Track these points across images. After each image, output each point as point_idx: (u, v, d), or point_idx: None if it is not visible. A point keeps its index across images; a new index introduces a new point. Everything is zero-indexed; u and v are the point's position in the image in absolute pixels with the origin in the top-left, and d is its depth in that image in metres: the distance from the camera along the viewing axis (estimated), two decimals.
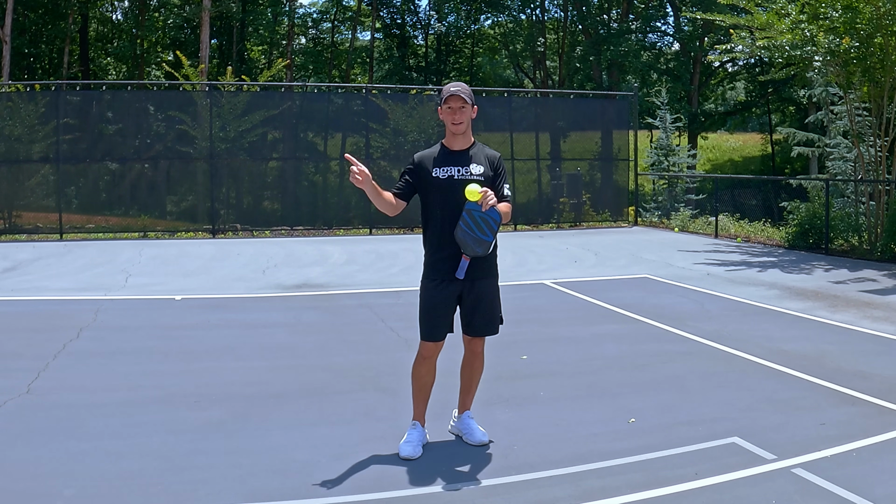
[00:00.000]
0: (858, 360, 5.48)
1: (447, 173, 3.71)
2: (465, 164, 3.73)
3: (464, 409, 4.01)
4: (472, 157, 3.77)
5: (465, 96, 3.69)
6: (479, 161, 3.77)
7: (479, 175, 3.73)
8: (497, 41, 36.02)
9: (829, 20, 10.92)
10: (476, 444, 3.87)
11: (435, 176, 3.72)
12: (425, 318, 3.77)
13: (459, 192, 3.63)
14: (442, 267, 3.72)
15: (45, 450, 3.76)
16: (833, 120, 17.58)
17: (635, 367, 5.37)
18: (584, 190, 17.39)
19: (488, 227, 3.59)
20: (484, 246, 3.62)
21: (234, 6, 27.51)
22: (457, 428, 4.01)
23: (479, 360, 3.96)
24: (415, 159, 3.81)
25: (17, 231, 14.35)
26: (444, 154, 3.78)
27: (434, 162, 3.75)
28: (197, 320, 6.94)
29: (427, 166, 3.75)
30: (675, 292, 8.41)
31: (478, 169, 3.74)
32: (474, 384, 3.98)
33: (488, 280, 3.80)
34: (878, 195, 11.87)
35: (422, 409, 3.90)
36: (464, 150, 3.78)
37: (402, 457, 3.68)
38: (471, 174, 3.71)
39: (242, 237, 14.63)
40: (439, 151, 3.80)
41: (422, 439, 3.84)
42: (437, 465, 3.64)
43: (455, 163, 3.74)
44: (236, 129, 15.26)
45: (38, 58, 28.01)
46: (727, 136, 41.27)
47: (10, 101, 14.51)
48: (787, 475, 3.48)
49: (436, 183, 3.71)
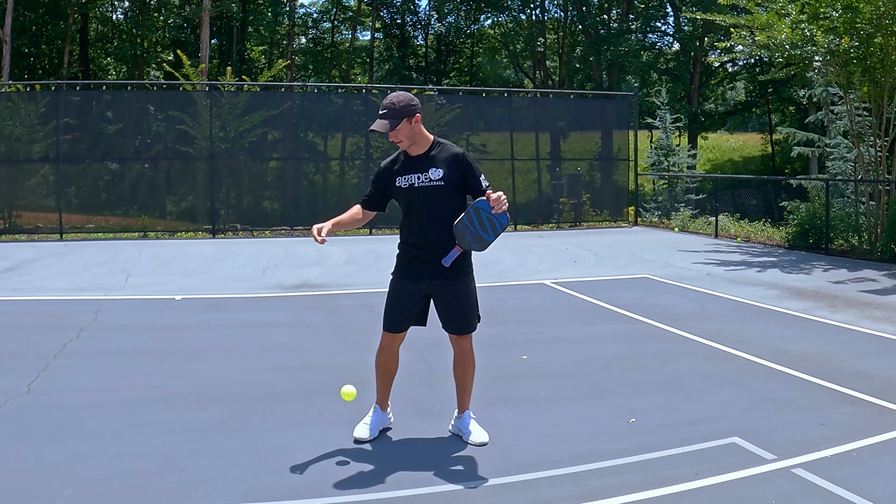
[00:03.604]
0: (858, 360, 5.48)
1: (408, 181, 3.72)
2: (424, 170, 3.72)
3: (463, 408, 4.01)
4: (430, 161, 3.73)
5: (380, 129, 3.64)
6: (437, 164, 3.73)
7: (439, 180, 3.70)
8: (497, 41, 36.03)
9: (829, 20, 10.92)
10: (475, 444, 3.86)
11: (398, 185, 3.74)
12: (387, 310, 3.85)
13: (421, 198, 3.68)
14: (408, 266, 3.79)
15: (45, 450, 3.76)
16: (833, 120, 17.58)
17: (635, 367, 5.37)
18: (584, 190, 17.39)
19: (493, 228, 3.60)
20: (482, 244, 3.64)
21: (234, 6, 27.53)
22: (456, 427, 4.01)
23: (469, 358, 3.95)
24: (380, 168, 3.84)
25: (17, 231, 14.35)
26: (404, 161, 3.78)
27: (397, 170, 3.77)
28: (197, 320, 6.94)
29: (391, 175, 3.78)
30: (675, 292, 8.41)
31: (437, 174, 3.71)
32: (469, 382, 3.98)
33: (458, 280, 3.79)
34: (878, 195, 11.87)
35: (384, 395, 3.99)
36: (421, 154, 3.75)
37: (356, 437, 3.83)
38: (430, 180, 3.70)
39: (242, 237, 14.63)
40: (401, 158, 3.79)
41: (381, 423, 3.94)
42: (437, 465, 3.64)
43: (414, 169, 3.73)
44: (236, 129, 15.26)
45: (38, 58, 28.02)
46: (727, 136, 41.27)
47: (10, 101, 14.52)
48: (787, 475, 3.48)
49: (399, 192, 3.75)
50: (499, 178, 17.65)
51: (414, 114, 3.67)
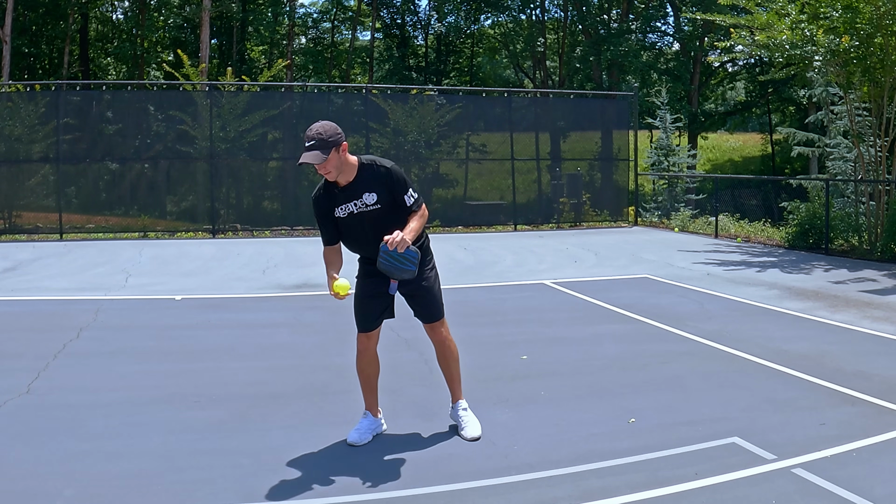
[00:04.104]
0: (858, 360, 5.47)
1: (346, 210, 3.73)
2: (358, 196, 3.71)
3: (455, 398, 4.08)
4: (362, 187, 3.71)
5: (311, 160, 3.58)
6: (370, 188, 3.71)
7: (374, 204, 3.70)
8: (497, 41, 36.02)
9: (829, 20, 10.92)
10: (468, 439, 3.90)
11: (337, 216, 3.76)
12: (356, 311, 3.93)
13: (364, 224, 3.71)
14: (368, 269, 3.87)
15: (45, 450, 3.76)
16: (833, 120, 17.58)
17: (635, 367, 5.36)
18: (584, 190, 17.38)
19: (409, 261, 3.63)
20: (409, 274, 3.67)
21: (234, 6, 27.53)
22: (453, 417, 4.10)
23: (447, 347, 3.99)
24: (317, 202, 3.80)
25: (17, 231, 14.35)
26: (336, 191, 3.75)
27: (331, 200, 3.76)
28: (197, 320, 6.94)
29: (329, 206, 3.77)
30: (675, 292, 8.41)
31: (371, 198, 3.71)
32: (453, 371, 4.04)
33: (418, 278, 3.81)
34: (878, 195, 11.87)
35: (371, 401, 3.98)
36: (350, 182, 3.73)
37: (349, 442, 3.83)
38: (366, 205, 3.70)
39: (242, 237, 14.63)
40: (333, 188, 3.76)
41: (372, 429, 3.93)
42: (437, 465, 3.64)
43: (348, 198, 3.72)
44: (236, 129, 15.26)
45: (38, 58, 28.02)
46: (727, 136, 41.26)
47: (10, 101, 14.52)
48: (787, 475, 3.48)
49: (340, 221, 3.77)
50: (499, 178, 17.66)
51: (341, 143, 3.62)
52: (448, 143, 17.17)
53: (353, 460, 3.68)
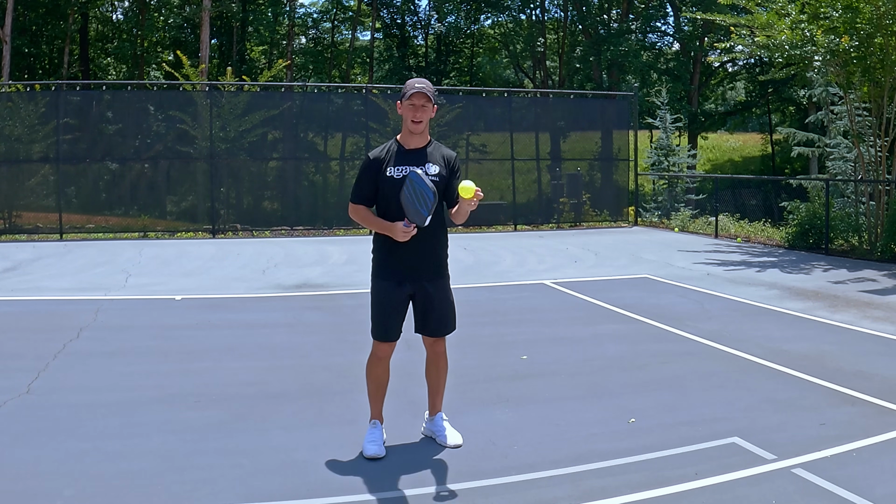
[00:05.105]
0: (858, 360, 5.48)
1: (402, 172, 3.59)
2: (422, 164, 3.63)
3: (435, 410, 3.97)
4: (428, 156, 3.67)
5: (429, 94, 3.58)
6: (435, 161, 3.67)
7: (435, 175, 3.63)
8: (497, 41, 36.02)
9: (829, 20, 10.92)
10: (451, 446, 3.82)
11: (389, 175, 3.61)
12: (381, 319, 3.72)
13: None
14: (396, 268, 3.67)
15: (45, 450, 3.76)
16: (833, 120, 17.59)
17: (635, 367, 5.37)
18: (584, 190, 17.38)
19: (423, 202, 3.46)
20: (419, 218, 3.49)
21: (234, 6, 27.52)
22: (429, 430, 3.97)
23: (444, 360, 3.90)
24: (370, 157, 3.69)
25: (17, 231, 14.35)
26: (399, 152, 3.66)
27: (389, 160, 3.64)
28: (197, 320, 6.94)
29: (382, 164, 3.64)
30: (675, 292, 8.41)
31: (433, 169, 3.65)
32: (441, 384, 3.93)
33: (438, 281, 3.75)
34: (878, 195, 11.87)
35: (380, 408, 3.89)
36: (420, 148, 3.68)
37: (368, 456, 3.67)
38: (427, 173, 3.60)
39: (242, 237, 14.63)
40: (395, 149, 3.67)
41: (383, 437, 3.84)
42: (436, 465, 3.64)
43: (411, 162, 3.62)
44: (236, 129, 15.26)
45: (38, 58, 28.02)
46: (727, 136, 41.28)
47: (10, 101, 14.52)
48: (787, 475, 3.48)
49: (390, 182, 3.60)
50: (499, 178, 17.65)
51: (434, 104, 3.65)
52: (448, 143, 17.14)
53: (354, 460, 3.68)
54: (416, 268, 3.68)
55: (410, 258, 3.65)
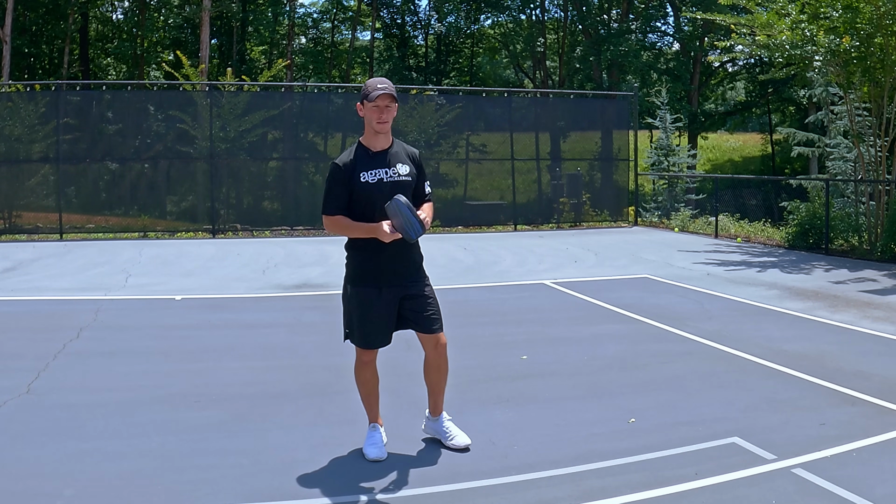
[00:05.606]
0: (858, 360, 5.48)
1: (375, 176, 3.54)
2: (391, 165, 3.60)
3: (437, 411, 3.90)
4: (395, 157, 3.63)
5: (394, 93, 3.54)
6: (402, 160, 3.64)
7: (407, 175, 3.60)
8: (497, 41, 36.03)
9: (829, 20, 10.92)
10: (459, 447, 3.78)
11: (364, 181, 3.53)
12: (365, 328, 3.63)
13: (388, 194, 3.46)
14: (377, 273, 3.60)
15: (45, 450, 3.76)
16: (833, 120, 17.59)
17: (635, 367, 5.37)
18: (584, 190, 17.38)
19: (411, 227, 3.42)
20: (409, 238, 3.47)
21: (234, 6, 27.53)
22: (434, 430, 3.91)
23: (444, 358, 3.80)
24: (339, 164, 3.57)
25: (17, 231, 14.35)
26: (366, 156, 3.58)
27: (358, 165, 3.56)
28: (197, 320, 6.94)
29: (353, 170, 3.55)
30: (675, 292, 8.41)
31: (404, 169, 3.61)
32: (443, 384, 3.85)
33: (421, 281, 3.71)
34: (878, 195, 11.87)
35: (376, 411, 3.85)
36: (386, 149, 3.64)
37: (371, 459, 3.65)
38: (398, 174, 3.58)
39: (242, 237, 14.63)
40: (360, 153, 3.59)
41: (383, 440, 3.80)
42: (437, 465, 3.64)
43: (380, 164, 3.57)
44: (236, 129, 15.26)
45: (38, 58, 28.02)
46: (727, 136, 41.29)
47: (10, 101, 14.52)
48: (787, 475, 3.48)
49: (365, 187, 3.53)
50: (499, 178, 17.65)
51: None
52: (448, 143, 17.17)
53: (354, 460, 3.68)
54: (398, 272, 3.63)
55: (391, 263, 3.60)
